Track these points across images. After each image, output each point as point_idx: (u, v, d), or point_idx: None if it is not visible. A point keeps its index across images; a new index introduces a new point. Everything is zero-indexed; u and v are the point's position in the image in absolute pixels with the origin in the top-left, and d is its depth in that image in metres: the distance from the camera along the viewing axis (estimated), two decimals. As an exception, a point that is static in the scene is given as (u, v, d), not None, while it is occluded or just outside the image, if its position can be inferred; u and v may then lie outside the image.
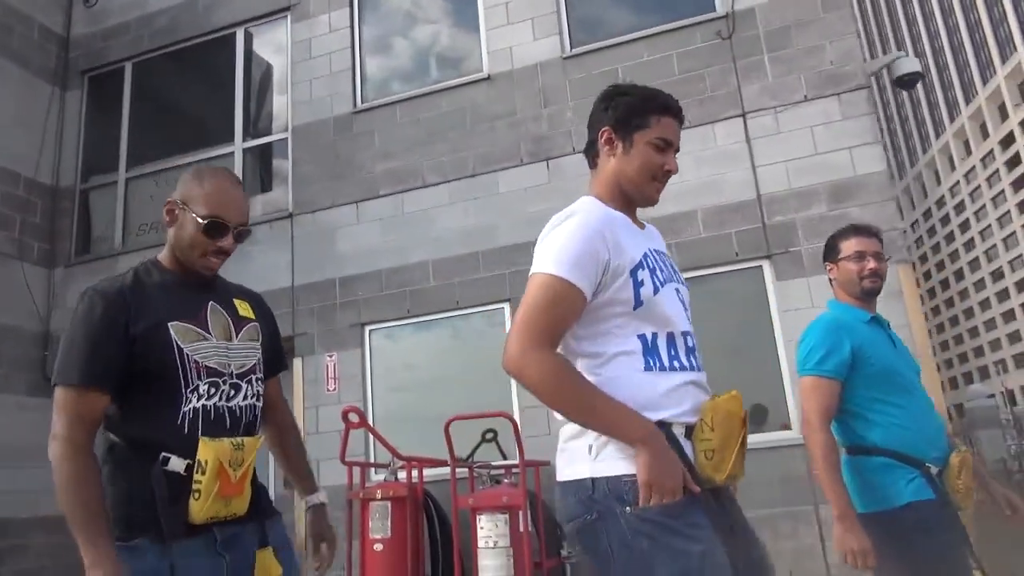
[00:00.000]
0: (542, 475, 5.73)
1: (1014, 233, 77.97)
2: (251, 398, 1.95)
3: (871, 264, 2.74)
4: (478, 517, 4.94)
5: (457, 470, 5.25)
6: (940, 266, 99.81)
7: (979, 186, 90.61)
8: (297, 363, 6.86)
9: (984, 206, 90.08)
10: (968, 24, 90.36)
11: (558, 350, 1.73)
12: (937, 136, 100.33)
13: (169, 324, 1.84)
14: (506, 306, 6.45)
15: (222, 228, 1.90)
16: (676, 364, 1.74)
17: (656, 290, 1.76)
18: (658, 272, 1.79)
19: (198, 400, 1.83)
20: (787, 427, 5.63)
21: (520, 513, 4.88)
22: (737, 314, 6.02)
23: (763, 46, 6.28)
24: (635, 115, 1.83)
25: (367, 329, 6.85)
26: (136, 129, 8.39)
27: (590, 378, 1.69)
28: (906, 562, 2.47)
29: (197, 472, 1.76)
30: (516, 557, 4.84)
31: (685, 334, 1.80)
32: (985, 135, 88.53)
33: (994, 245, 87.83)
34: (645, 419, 1.64)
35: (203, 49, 8.31)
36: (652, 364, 1.71)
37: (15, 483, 6.99)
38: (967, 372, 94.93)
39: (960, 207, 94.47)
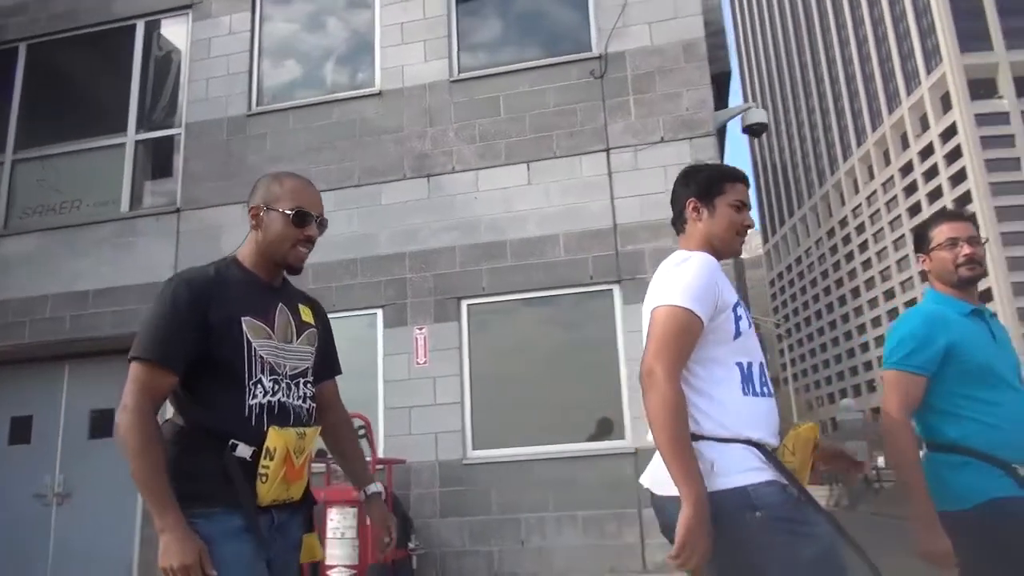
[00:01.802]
0: (396, 472, 6.16)
1: (906, 256, 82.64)
2: (302, 399, 2.07)
3: (966, 249, 2.56)
4: (329, 510, 5.34)
5: (314, 465, 5.63)
6: (839, 283, 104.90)
7: (879, 209, 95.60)
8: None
9: (882, 228, 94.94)
10: (879, 56, 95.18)
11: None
12: (845, 159, 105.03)
13: (242, 319, 1.97)
14: (379, 312, 6.83)
15: (307, 217, 2.08)
16: (764, 390, 2.04)
17: (750, 325, 2.09)
18: (747, 313, 2.12)
19: (263, 395, 1.96)
20: (621, 437, 6.22)
21: (368, 507, 5.31)
22: (587, 332, 6.60)
23: (630, 88, 6.85)
24: (714, 184, 2.20)
25: (246, 326, 7.10)
26: (27, 111, 8.36)
27: (700, 397, 1.97)
28: (993, 562, 2.31)
29: (265, 458, 1.89)
30: (362, 548, 5.27)
31: (763, 365, 2.11)
32: (887, 162, 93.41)
33: (888, 267, 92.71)
34: (703, 486, 1.82)
35: (102, 38, 8.35)
36: (747, 389, 2.00)
37: None
38: (843, 389, 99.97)
39: (861, 228, 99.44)
